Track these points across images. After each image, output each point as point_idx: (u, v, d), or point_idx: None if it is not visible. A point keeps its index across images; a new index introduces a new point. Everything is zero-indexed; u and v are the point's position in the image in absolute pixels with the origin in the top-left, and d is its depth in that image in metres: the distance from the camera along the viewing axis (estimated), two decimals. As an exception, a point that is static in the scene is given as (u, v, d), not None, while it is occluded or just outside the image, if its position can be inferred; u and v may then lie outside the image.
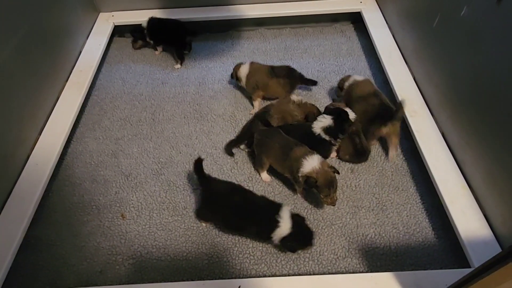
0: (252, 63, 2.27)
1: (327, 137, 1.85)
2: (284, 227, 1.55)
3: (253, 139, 1.90)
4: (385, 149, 2.07)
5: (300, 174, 1.69)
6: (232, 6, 2.76)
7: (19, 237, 1.62)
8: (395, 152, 1.98)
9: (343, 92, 2.17)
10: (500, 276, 0.88)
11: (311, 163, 1.67)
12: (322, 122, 1.87)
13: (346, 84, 2.14)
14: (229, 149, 2.07)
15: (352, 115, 1.90)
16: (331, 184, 1.68)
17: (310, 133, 1.88)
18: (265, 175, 1.94)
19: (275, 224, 1.55)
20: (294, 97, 2.11)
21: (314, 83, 2.32)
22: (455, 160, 1.80)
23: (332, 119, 1.86)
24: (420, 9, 2.13)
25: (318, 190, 1.68)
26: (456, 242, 1.60)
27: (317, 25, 2.90)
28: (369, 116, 1.94)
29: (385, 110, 1.93)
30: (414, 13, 2.21)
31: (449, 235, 1.68)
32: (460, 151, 1.78)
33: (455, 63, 1.78)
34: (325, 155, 1.90)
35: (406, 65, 2.29)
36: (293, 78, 2.25)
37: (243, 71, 2.25)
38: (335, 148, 1.94)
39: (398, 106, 1.88)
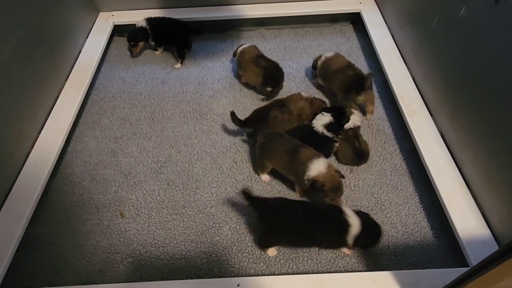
0: (250, 45, 2.41)
1: (329, 134, 1.87)
2: (355, 225, 1.52)
3: (258, 135, 1.88)
4: (384, 149, 2.08)
5: (306, 177, 1.69)
6: (232, 6, 2.77)
7: (18, 236, 1.62)
8: (371, 115, 2.21)
9: (319, 71, 2.30)
10: (498, 274, 0.88)
11: (318, 167, 1.68)
12: (323, 120, 1.88)
13: (319, 63, 2.28)
14: (236, 121, 2.03)
15: (353, 120, 1.95)
16: (338, 189, 1.70)
17: (310, 132, 1.89)
18: (265, 176, 1.94)
19: (346, 225, 1.52)
20: (304, 93, 2.12)
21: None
22: (454, 160, 1.81)
23: (331, 115, 1.88)
24: (419, 10, 2.14)
25: (324, 194, 1.69)
26: (455, 241, 1.61)
27: (317, 26, 2.90)
28: (347, 86, 2.11)
29: (360, 80, 2.09)
30: (413, 13, 2.22)
31: (448, 234, 1.68)
32: (459, 151, 1.78)
33: (454, 63, 1.79)
34: (328, 153, 1.92)
35: (405, 65, 2.30)
36: (267, 73, 2.28)
37: (240, 49, 2.42)
38: (336, 145, 1.94)
39: (366, 76, 2.06)
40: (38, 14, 2.06)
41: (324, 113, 1.90)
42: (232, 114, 1.99)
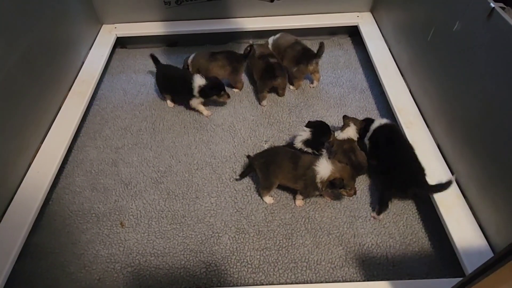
0: (196, 53, 2.54)
1: (309, 150, 1.91)
2: None
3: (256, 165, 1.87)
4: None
5: (320, 181, 1.71)
6: (233, 19, 2.83)
7: (19, 245, 1.63)
8: (317, 82, 2.54)
9: (273, 50, 2.51)
10: (493, 282, 0.90)
11: (326, 167, 1.71)
12: (301, 136, 1.95)
13: (269, 45, 2.55)
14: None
15: (349, 133, 1.98)
16: (353, 175, 1.75)
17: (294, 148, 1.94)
18: (268, 198, 1.93)
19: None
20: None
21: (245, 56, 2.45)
22: (450, 171, 1.83)
23: (310, 131, 1.94)
24: (415, 23, 2.19)
25: (345, 187, 1.71)
26: (452, 251, 1.62)
27: (315, 38, 2.95)
28: (297, 59, 2.40)
29: (307, 52, 2.41)
30: (409, 27, 2.28)
31: (445, 244, 1.69)
32: (455, 162, 1.81)
33: (449, 76, 1.83)
34: None
35: (402, 77, 2.34)
36: (233, 59, 2.43)
37: (189, 60, 2.53)
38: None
39: (320, 45, 2.33)
40: (42, 26, 2.11)
41: (305, 128, 1.97)
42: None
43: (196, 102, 2.30)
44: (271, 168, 1.82)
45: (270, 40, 2.57)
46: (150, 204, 1.94)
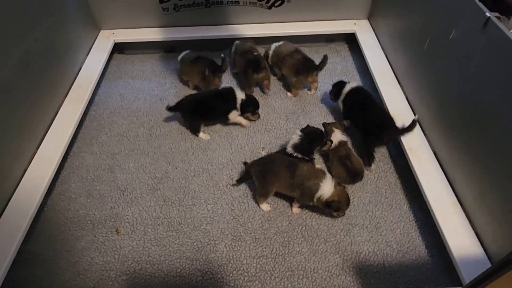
0: (186, 53, 2.61)
1: (299, 155, 1.91)
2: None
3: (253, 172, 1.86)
4: (379, 167, 2.10)
5: (318, 198, 1.74)
6: (231, 26, 2.84)
7: (13, 252, 1.61)
8: (315, 90, 2.54)
9: (271, 58, 2.57)
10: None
11: (329, 188, 1.73)
12: (292, 140, 1.96)
13: (271, 52, 2.57)
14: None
15: (336, 138, 2.01)
16: (349, 201, 1.79)
17: (285, 155, 1.94)
18: (265, 206, 1.92)
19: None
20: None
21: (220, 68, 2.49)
22: (447, 178, 1.83)
23: (299, 136, 1.95)
24: (412, 32, 2.21)
25: (339, 210, 1.77)
26: (449, 260, 1.61)
27: (313, 45, 2.98)
28: (296, 69, 2.39)
29: (308, 63, 2.40)
30: (406, 35, 2.29)
31: (442, 252, 1.69)
32: (451, 170, 1.81)
33: (445, 84, 1.84)
34: None
35: (398, 85, 2.35)
36: (210, 68, 2.45)
37: (180, 57, 2.60)
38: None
39: (323, 58, 2.37)
40: (40, 31, 2.10)
41: (297, 132, 1.97)
42: None
43: (235, 115, 2.26)
44: (268, 177, 1.82)
45: (273, 46, 2.59)
46: (146, 211, 1.93)
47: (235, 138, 2.28)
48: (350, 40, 2.96)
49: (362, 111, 2.12)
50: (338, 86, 2.27)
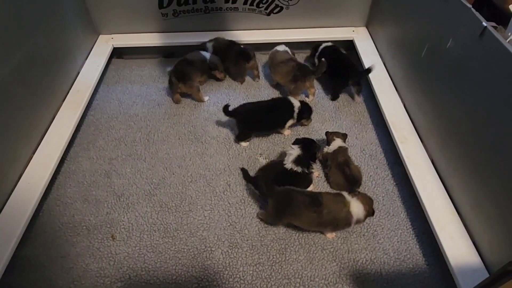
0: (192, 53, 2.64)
1: (299, 169, 1.86)
2: None
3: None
4: (376, 174, 2.10)
5: (356, 221, 1.71)
6: (229, 32, 2.85)
7: (7, 257, 1.59)
8: (313, 97, 2.59)
9: (268, 60, 2.66)
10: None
11: (358, 206, 1.71)
12: (292, 155, 1.90)
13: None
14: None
15: (337, 144, 2.01)
16: (371, 200, 1.80)
17: (283, 170, 1.89)
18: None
19: None
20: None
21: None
22: (444, 186, 1.83)
23: (299, 148, 1.90)
24: (409, 40, 2.22)
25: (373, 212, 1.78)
26: (447, 268, 1.61)
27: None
28: (293, 74, 2.43)
29: (304, 68, 2.46)
30: (404, 43, 2.30)
31: (440, 261, 1.68)
32: (449, 178, 1.81)
33: (442, 91, 1.85)
34: (305, 186, 1.93)
35: (396, 92, 2.36)
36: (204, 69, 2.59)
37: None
38: (312, 177, 1.97)
39: (322, 63, 2.41)
40: (38, 36, 2.10)
41: (293, 146, 1.92)
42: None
43: (291, 123, 2.26)
44: (287, 212, 1.74)
45: (273, 50, 2.63)
46: (142, 217, 1.91)
47: (233, 144, 2.28)
48: (349, 47, 2.96)
49: (333, 61, 2.49)
50: (316, 46, 2.71)
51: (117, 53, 2.94)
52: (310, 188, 1.99)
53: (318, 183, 2.07)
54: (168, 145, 2.28)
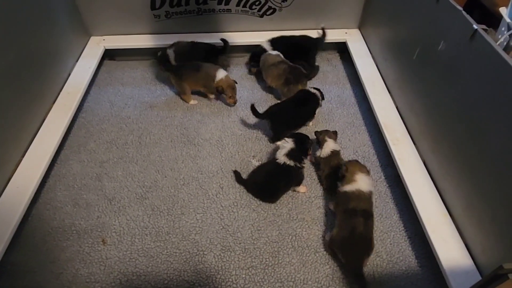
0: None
1: (291, 163, 1.88)
2: None
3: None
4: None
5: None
6: (222, 33, 2.83)
7: (-6, 264, 1.57)
8: None
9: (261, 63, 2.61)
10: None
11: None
12: (285, 148, 1.92)
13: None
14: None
15: (330, 147, 2.00)
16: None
17: (274, 167, 1.90)
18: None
19: None
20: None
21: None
22: (436, 188, 1.83)
23: (293, 141, 1.92)
24: (401, 42, 2.23)
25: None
26: (439, 270, 1.61)
27: (304, 53, 2.98)
28: (285, 78, 2.42)
29: (296, 71, 2.44)
30: (396, 45, 2.31)
31: (432, 263, 1.68)
32: (441, 179, 1.82)
33: (434, 93, 1.85)
34: (297, 182, 1.96)
35: (389, 94, 2.37)
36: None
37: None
38: (303, 172, 1.98)
39: (316, 68, 2.54)
40: (29, 37, 2.07)
41: (286, 139, 1.95)
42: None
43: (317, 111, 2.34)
44: None
45: (265, 53, 2.61)
46: (133, 221, 1.89)
47: (226, 146, 2.26)
48: (341, 49, 2.97)
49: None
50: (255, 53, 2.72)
51: (109, 54, 2.91)
52: (302, 190, 1.99)
53: (312, 184, 2.06)
54: (160, 148, 2.26)
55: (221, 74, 2.41)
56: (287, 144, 1.92)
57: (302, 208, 1.95)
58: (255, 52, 2.71)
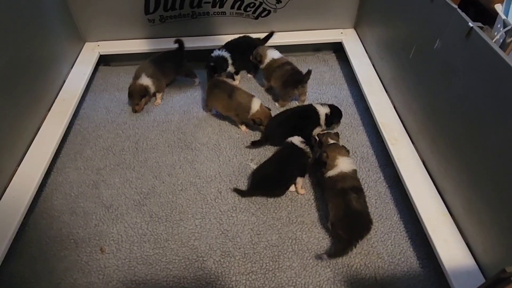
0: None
1: (304, 146, 2.01)
2: None
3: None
4: (368, 176, 2.09)
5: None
6: (217, 36, 2.83)
7: (-10, 276, 1.55)
8: (303, 102, 2.56)
9: (265, 68, 2.54)
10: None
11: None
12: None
13: (266, 60, 2.53)
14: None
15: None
16: None
17: (288, 150, 2.01)
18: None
19: None
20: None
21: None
22: (436, 188, 1.82)
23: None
24: (397, 41, 2.21)
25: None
26: (441, 271, 1.59)
27: (300, 54, 2.97)
28: (284, 81, 2.41)
29: (295, 75, 2.42)
30: (392, 44, 2.30)
31: (434, 264, 1.67)
32: (440, 179, 1.80)
33: (431, 92, 1.84)
34: (303, 171, 2.01)
35: (386, 93, 2.36)
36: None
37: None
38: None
39: (307, 72, 2.38)
40: (22, 44, 2.05)
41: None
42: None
43: (318, 131, 2.23)
44: None
45: (269, 56, 2.51)
46: (132, 228, 1.87)
47: (223, 150, 2.25)
48: (337, 49, 2.96)
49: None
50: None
51: (104, 60, 2.89)
52: (302, 191, 1.99)
53: (310, 187, 2.05)
54: (157, 153, 2.24)
55: (256, 104, 2.24)
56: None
57: (302, 211, 1.93)
58: (214, 61, 2.48)
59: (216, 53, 2.53)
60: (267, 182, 1.96)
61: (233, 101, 2.27)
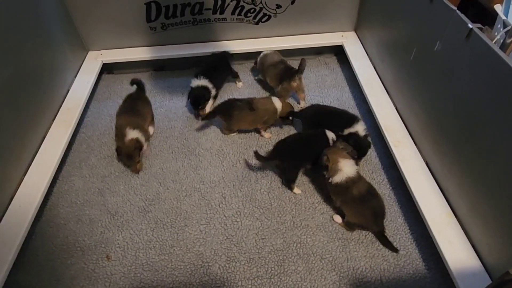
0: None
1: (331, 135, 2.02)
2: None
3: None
4: (372, 179, 2.09)
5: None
6: (218, 42, 2.85)
7: (-1, 284, 1.56)
8: (304, 102, 2.57)
9: (258, 65, 2.66)
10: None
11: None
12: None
13: (258, 59, 2.66)
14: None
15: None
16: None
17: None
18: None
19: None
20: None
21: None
22: (440, 189, 1.82)
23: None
24: (398, 43, 2.22)
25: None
26: (447, 273, 1.59)
27: (301, 58, 2.98)
28: (280, 77, 2.45)
29: (290, 70, 2.46)
30: (392, 46, 2.31)
31: (439, 265, 1.66)
32: (444, 180, 1.80)
33: (432, 93, 1.84)
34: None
35: (387, 95, 2.36)
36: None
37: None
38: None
39: (301, 61, 2.38)
40: (25, 55, 2.08)
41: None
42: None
43: None
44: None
45: (261, 54, 2.64)
46: (137, 235, 1.88)
47: (227, 156, 2.26)
48: (338, 51, 2.97)
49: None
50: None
51: (107, 68, 2.93)
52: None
53: (314, 190, 2.05)
54: (161, 160, 2.26)
55: (278, 102, 2.27)
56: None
57: (306, 215, 1.94)
58: (197, 96, 2.37)
59: (195, 83, 2.41)
60: (287, 151, 1.99)
61: (257, 111, 2.22)
